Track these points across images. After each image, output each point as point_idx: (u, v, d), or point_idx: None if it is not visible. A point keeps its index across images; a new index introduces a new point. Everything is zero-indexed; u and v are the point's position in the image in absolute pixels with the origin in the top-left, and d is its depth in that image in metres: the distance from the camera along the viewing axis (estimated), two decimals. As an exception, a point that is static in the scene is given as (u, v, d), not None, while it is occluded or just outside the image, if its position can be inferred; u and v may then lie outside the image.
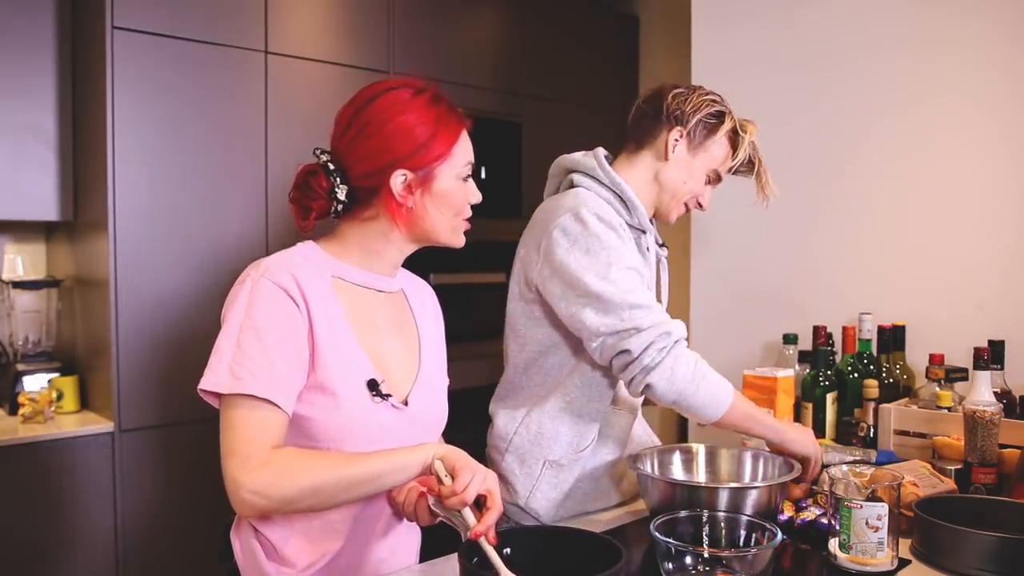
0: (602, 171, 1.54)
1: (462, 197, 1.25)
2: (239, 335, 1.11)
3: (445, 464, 1.08)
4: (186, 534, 2.42)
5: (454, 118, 1.24)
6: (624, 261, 1.42)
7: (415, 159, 1.20)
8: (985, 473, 1.46)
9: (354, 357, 1.20)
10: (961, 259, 2.06)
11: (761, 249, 2.43)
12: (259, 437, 1.08)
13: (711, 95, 1.57)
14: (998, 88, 2.01)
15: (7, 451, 2.15)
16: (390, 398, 1.21)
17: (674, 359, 1.37)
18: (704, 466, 1.53)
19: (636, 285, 1.41)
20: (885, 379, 1.96)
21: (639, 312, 1.37)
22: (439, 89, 1.26)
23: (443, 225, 1.25)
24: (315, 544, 1.21)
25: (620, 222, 1.50)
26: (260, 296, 1.14)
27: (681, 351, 1.39)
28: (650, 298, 1.41)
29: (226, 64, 2.50)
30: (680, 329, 1.40)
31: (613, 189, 1.54)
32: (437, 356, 1.38)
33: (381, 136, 1.19)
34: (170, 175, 2.41)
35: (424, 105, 1.21)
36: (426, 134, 1.20)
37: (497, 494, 1.08)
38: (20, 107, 2.41)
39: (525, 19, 3.38)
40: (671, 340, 1.38)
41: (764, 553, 1.09)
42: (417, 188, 1.21)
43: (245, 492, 1.05)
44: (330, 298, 1.20)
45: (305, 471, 1.07)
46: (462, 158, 1.24)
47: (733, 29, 2.50)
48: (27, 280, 2.56)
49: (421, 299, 1.40)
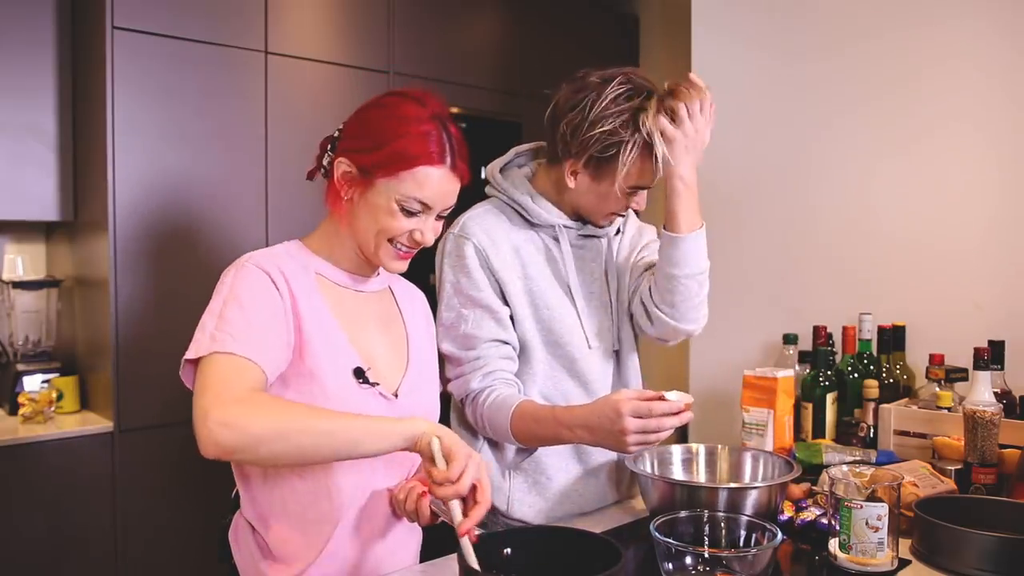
0: (493, 180, 1.54)
1: (394, 224, 1.19)
2: (222, 308, 1.12)
3: (442, 445, 1.05)
4: (185, 534, 2.42)
5: (433, 153, 1.17)
6: (455, 299, 1.46)
7: (362, 156, 1.18)
8: (985, 473, 1.46)
9: (340, 346, 1.20)
10: (961, 259, 2.06)
11: (761, 249, 2.43)
12: (236, 379, 1.05)
13: (610, 110, 1.40)
14: (1000, 88, 2.01)
15: (7, 451, 2.15)
16: (378, 386, 1.22)
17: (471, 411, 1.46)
18: (704, 466, 1.53)
19: (466, 330, 1.45)
20: (885, 379, 1.96)
21: (462, 367, 1.47)
22: (455, 131, 1.21)
23: (368, 238, 1.21)
24: (314, 544, 1.20)
25: (467, 245, 1.45)
26: (243, 277, 1.16)
27: (479, 402, 1.44)
28: (478, 341, 1.44)
29: (226, 64, 2.50)
30: (486, 380, 1.45)
31: (506, 196, 1.52)
32: (428, 354, 1.38)
33: (357, 122, 1.22)
34: (170, 175, 2.41)
35: (410, 120, 1.18)
36: (384, 141, 1.16)
37: (488, 486, 1.05)
38: (20, 107, 2.41)
39: (525, 19, 3.38)
40: (470, 396, 1.47)
41: (764, 553, 1.09)
42: (355, 186, 1.19)
43: (212, 422, 0.99)
44: (315, 294, 1.21)
45: (277, 411, 1.03)
46: (411, 190, 1.17)
47: (733, 29, 2.50)
48: (27, 280, 2.56)
49: (411, 299, 1.40)
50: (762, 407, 1.72)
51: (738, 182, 1.79)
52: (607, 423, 1.29)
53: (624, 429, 1.26)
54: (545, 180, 1.53)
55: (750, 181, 2.43)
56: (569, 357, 1.51)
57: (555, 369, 1.51)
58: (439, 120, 1.19)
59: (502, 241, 1.48)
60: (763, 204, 2.42)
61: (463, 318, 1.45)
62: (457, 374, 1.47)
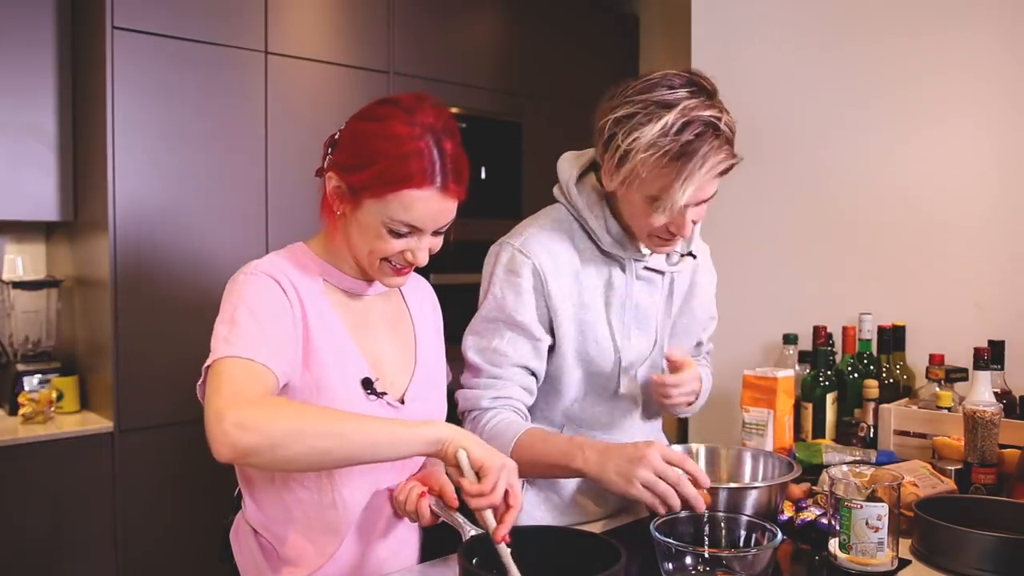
0: (567, 193, 1.41)
1: (384, 246, 1.15)
2: (234, 314, 1.11)
3: (471, 458, 1.02)
4: (186, 534, 2.42)
5: (422, 175, 1.11)
6: (495, 312, 1.38)
7: (349, 174, 1.14)
8: (985, 473, 1.46)
9: (348, 355, 1.20)
10: (961, 259, 2.06)
11: (761, 249, 2.43)
12: (250, 382, 1.03)
13: (620, 108, 1.26)
14: (1000, 88, 2.01)
15: (7, 451, 2.15)
16: (385, 396, 1.21)
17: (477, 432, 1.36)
18: (704, 466, 1.53)
19: (495, 346, 1.37)
20: (885, 379, 1.96)
21: (481, 379, 1.39)
22: (451, 146, 1.14)
23: (362, 255, 1.18)
24: (315, 544, 1.20)
25: (527, 264, 1.35)
26: (254, 284, 1.14)
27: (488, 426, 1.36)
28: (505, 360, 1.37)
29: (226, 64, 2.50)
30: (498, 402, 1.37)
31: (576, 218, 1.41)
32: (435, 352, 1.37)
33: (348, 134, 1.17)
34: (170, 175, 2.41)
35: (400, 140, 1.11)
36: (370, 162, 1.11)
37: (519, 489, 1.04)
38: (20, 107, 2.41)
39: (525, 19, 3.38)
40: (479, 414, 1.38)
41: (764, 553, 1.09)
42: (346, 203, 1.16)
43: (227, 424, 0.96)
44: (323, 300, 1.20)
45: (295, 413, 1.01)
46: (398, 213, 1.12)
47: (733, 29, 2.50)
48: (27, 280, 2.56)
49: (417, 290, 1.38)
50: (762, 407, 1.72)
51: (737, 183, 1.79)
52: (629, 448, 1.22)
53: (645, 456, 1.20)
54: None
55: (749, 182, 2.43)
56: (606, 390, 1.46)
57: (585, 404, 1.46)
58: (432, 135, 1.12)
59: (564, 265, 1.38)
60: (762, 204, 2.42)
61: (499, 334, 1.37)
62: (472, 385, 1.40)
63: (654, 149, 1.21)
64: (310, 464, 1.04)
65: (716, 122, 1.22)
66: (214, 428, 0.97)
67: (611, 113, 1.27)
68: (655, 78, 1.28)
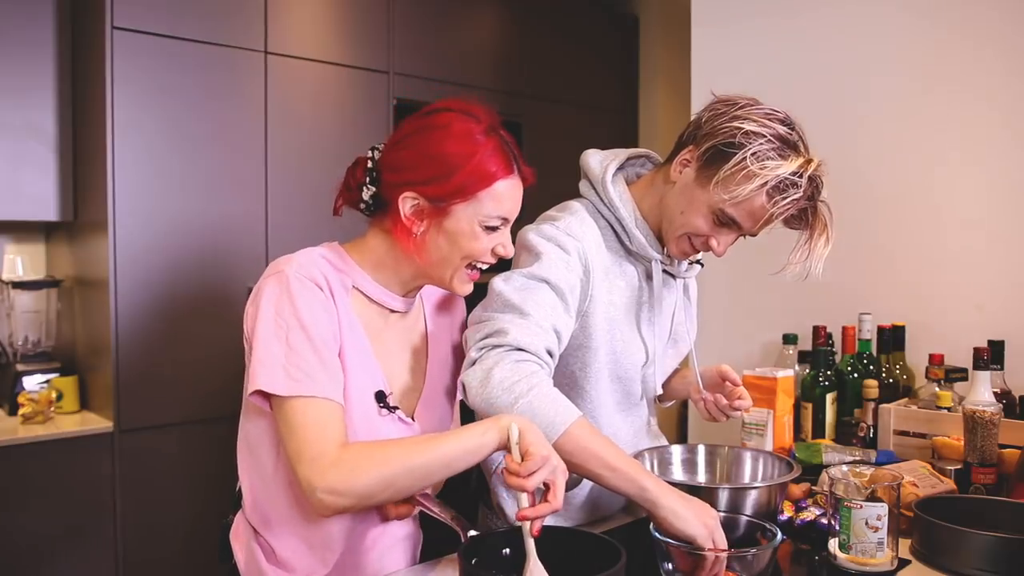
0: (602, 188, 1.40)
1: (477, 246, 1.18)
2: (288, 335, 1.10)
3: (521, 440, 1.04)
4: (186, 534, 2.42)
5: (503, 166, 1.16)
6: (539, 271, 1.27)
7: (432, 187, 1.14)
8: (985, 473, 1.46)
9: (370, 367, 1.20)
10: (961, 259, 2.06)
11: (760, 249, 2.43)
12: (324, 436, 1.06)
13: (755, 120, 1.27)
14: (1000, 87, 2.01)
15: (7, 451, 2.15)
16: (397, 411, 1.22)
17: (495, 362, 1.18)
18: (704, 466, 1.53)
19: (530, 295, 1.25)
20: (885, 379, 1.96)
21: (507, 314, 1.24)
22: (507, 134, 1.19)
23: (445, 266, 1.19)
24: (314, 550, 1.21)
25: (575, 246, 1.32)
26: (299, 292, 1.12)
27: (511, 357, 1.19)
28: (538, 310, 1.24)
29: (226, 64, 2.50)
30: (525, 337, 1.20)
31: (610, 211, 1.40)
32: (449, 371, 1.35)
33: (415, 151, 1.16)
34: (170, 175, 2.41)
35: (474, 139, 1.15)
36: (454, 167, 1.13)
37: (561, 490, 1.03)
38: (20, 107, 2.41)
39: (525, 19, 3.38)
40: (503, 341, 1.20)
41: (764, 553, 1.09)
42: (428, 218, 1.16)
43: (320, 493, 1.03)
44: (351, 307, 1.20)
45: (375, 465, 1.05)
46: (491, 208, 1.16)
47: (733, 29, 2.50)
48: (27, 280, 2.55)
49: (448, 316, 1.38)
50: (762, 407, 1.73)
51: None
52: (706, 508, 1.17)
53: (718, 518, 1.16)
54: (647, 191, 1.41)
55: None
56: (626, 392, 1.45)
57: (607, 406, 1.43)
58: (492, 128, 1.18)
59: (600, 258, 1.37)
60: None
61: (535, 289, 1.26)
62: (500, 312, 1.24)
63: (778, 192, 1.28)
64: (402, 497, 1.13)
65: (821, 188, 1.34)
66: (310, 497, 1.05)
67: (735, 121, 1.28)
68: (780, 112, 1.34)
